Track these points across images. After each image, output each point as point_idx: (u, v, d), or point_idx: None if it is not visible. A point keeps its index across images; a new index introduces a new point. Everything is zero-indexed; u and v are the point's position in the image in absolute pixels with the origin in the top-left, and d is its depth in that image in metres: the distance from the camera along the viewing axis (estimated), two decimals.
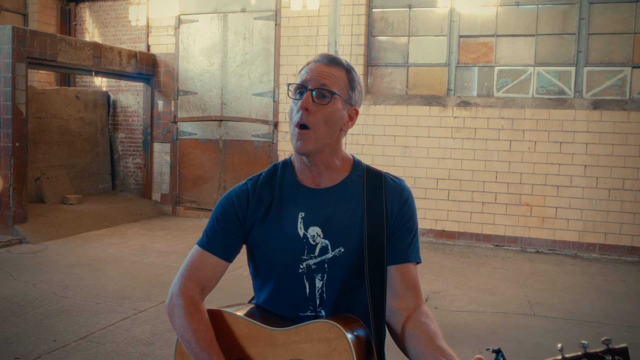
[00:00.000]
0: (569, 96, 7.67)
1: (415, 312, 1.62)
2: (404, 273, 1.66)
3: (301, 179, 1.71)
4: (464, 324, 4.87)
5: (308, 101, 1.60)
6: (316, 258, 1.65)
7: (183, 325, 1.61)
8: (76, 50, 8.34)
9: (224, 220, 1.71)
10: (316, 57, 1.70)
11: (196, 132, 9.64)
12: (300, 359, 1.51)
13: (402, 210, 1.69)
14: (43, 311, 4.86)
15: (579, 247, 7.56)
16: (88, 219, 8.47)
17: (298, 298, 1.68)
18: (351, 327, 1.53)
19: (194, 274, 1.69)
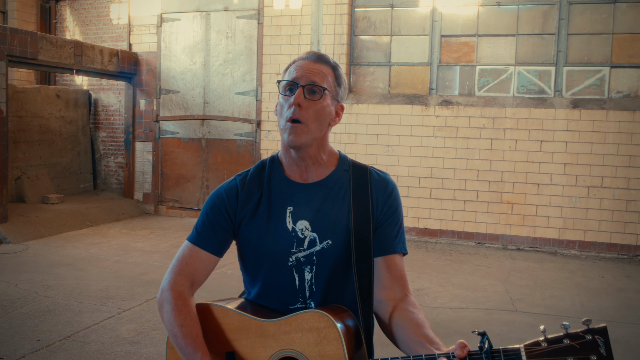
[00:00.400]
0: (549, 95, 7.78)
1: (402, 302, 1.66)
2: (390, 264, 1.70)
3: (289, 174, 1.75)
4: (448, 320, 4.93)
5: (300, 97, 1.64)
6: (305, 251, 1.69)
7: (171, 320, 1.64)
8: (57, 48, 8.27)
9: (214, 215, 1.74)
10: (303, 54, 1.74)
11: (178, 131, 9.61)
12: (291, 348, 1.54)
13: (387, 203, 1.74)
14: (26, 311, 4.83)
15: (559, 244, 7.67)
16: (69, 218, 8.41)
17: (288, 290, 1.71)
18: (340, 316, 1.57)
19: (185, 269, 1.71)
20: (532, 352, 1.28)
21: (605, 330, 1.27)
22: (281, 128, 1.68)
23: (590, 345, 1.26)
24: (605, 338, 1.26)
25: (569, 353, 1.26)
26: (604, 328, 1.27)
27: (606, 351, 1.26)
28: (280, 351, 1.56)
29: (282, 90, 1.69)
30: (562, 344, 1.27)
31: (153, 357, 4.01)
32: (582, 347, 1.26)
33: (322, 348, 1.51)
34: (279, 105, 1.70)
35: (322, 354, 1.51)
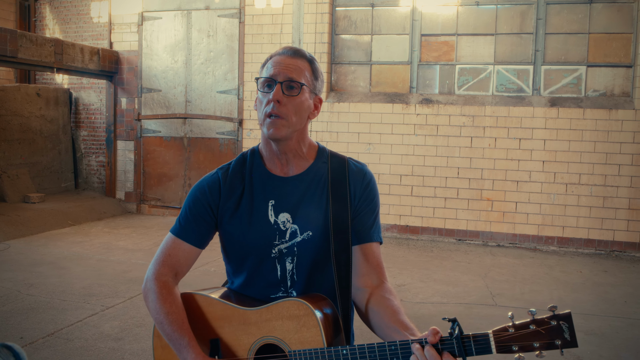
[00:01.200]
0: (527, 94, 7.90)
1: (378, 289, 1.72)
2: (367, 252, 1.76)
3: (270, 168, 1.80)
4: (428, 315, 5.00)
5: (279, 94, 1.68)
6: (286, 242, 1.74)
7: (157, 309, 1.68)
8: (37, 46, 8.23)
9: (196, 209, 1.79)
10: (280, 49, 1.78)
11: (160, 130, 9.60)
12: (272, 335, 1.60)
13: (364, 193, 1.79)
14: (8, 309, 4.82)
15: (538, 240, 7.79)
16: (51, 217, 8.37)
17: (270, 281, 1.76)
18: (319, 304, 1.62)
19: (168, 260, 1.76)
20: (501, 337, 1.35)
21: (569, 316, 1.33)
22: (260, 122, 1.72)
23: (555, 330, 1.32)
24: (569, 324, 1.33)
25: (535, 338, 1.33)
26: (568, 314, 1.34)
27: (570, 336, 1.32)
28: (261, 338, 1.61)
29: (261, 86, 1.73)
30: (528, 329, 1.34)
31: (137, 352, 4.03)
32: (547, 332, 1.33)
33: (302, 335, 1.56)
34: (258, 100, 1.75)
35: (301, 341, 1.56)
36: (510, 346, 1.34)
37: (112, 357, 3.96)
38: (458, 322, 1.40)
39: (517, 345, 1.34)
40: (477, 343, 1.37)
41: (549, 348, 1.34)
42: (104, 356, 3.97)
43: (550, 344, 1.33)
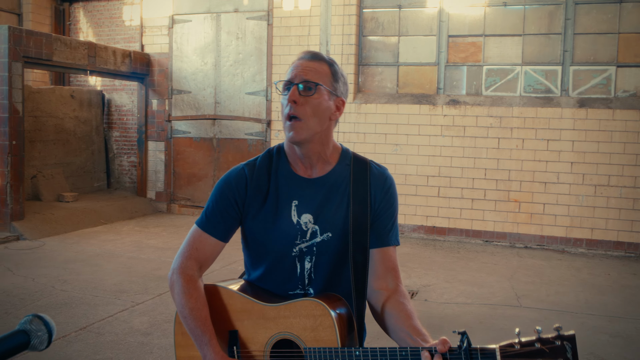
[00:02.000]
0: (556, 95, 7.85)
1: (394, 292, 1.78)
2: (384, 256, 1.82)
3: (295, 169, 1.85)
4: (452, 315, 5.03)
5: (295, 94, 1.74)
6: (307, 242, 1.80)
7: (182, 303, 1.76)
8: (71, 49, 8.45)
9: (222, 203, 1.84)
10: (300, 54, 1.84)
11: (190, 131, 9.76)
12: (289, 331, 1.67)
13: (384, 198, 1.85)
14: (43, 304, 4.98)
15: (567, 242, 7.74)
16: (84, 216, 8.58)
17: (289, 277, 1.83)
18: (335, 305, 1.69)
19: (194, 253, 1.83)
20: (506, 352, 1.39)
21: (573, 337, 1.37)
22: (284, 127, 1.78)
23: (558, 350, 1.36)
24: (572, 344, 1.36)
25: (539, 355, 1.37)
26: (572, 335, 1.37)
27: (573, 356, 1.36)
28: (279, 333, 1.69)
29: (282, 90, 1.79)
30: (533, 347, 1.37)
31: (165, 347, 4.14)
32: (551, 351, 1.36)
33: (318, 334, 1.63)
34: (281, 105, 1.81)
35: (317, 339, 1.63)
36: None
37: (141, 351, 4.08)
38: (467, 335, 1.45)
39: None
40: (484, 356, 1.42)
41: None
42: (134, 350, 4.09)
43: None
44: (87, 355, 3.98)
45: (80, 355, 3.98)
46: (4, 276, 5.80)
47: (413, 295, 5.63)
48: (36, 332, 1.15)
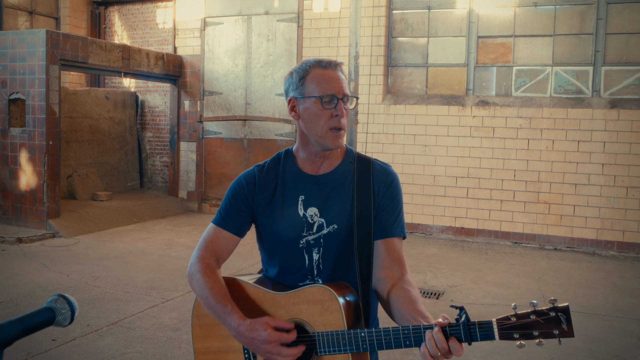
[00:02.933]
0: (587, 95, 7.77)
1: (399, 280, 1.84)
2: (389, 247, 1.89)
3: (302, 167, 1.96)
4: (477, 315, 5.04)
5: (342, 109, 1.86)
6: (314, 234, 1.90)
7: (201, 286, 1.85)
8: (106, 52, 8.66)
9: (235, 201, 1.97)
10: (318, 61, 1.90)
11: (221, 131, 9.91)
12: (299, 317, 1.75)
13: (387, 191, 1.93)
14: (76, 299, 5.10)
15: (597, 244, 7.65)
16: (117, 214, 8.79)
17: (299, 269, 1.93)
18: (342, 292, 1.76)
19: (210, 246, 1.95)
20: (503, 325, 1.45)
21: (567, 308, 1.42)
22: (319, 135, 1.86)
23: (553, 320, 1.41)
24: (567, 315, 1.41)
25: (535, 327, 1.42)
26: (566, 307, 1.42)
27: (567, 327, 1.41)
28: (289, 320, 1.76)
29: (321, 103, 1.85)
30: (529, 319, 1.43)
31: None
32: (546, 322, 1.41)
33: (325, 317, 1.71)
34: (312, 114, 1.87)
35: (325, 323, 1.71)
36: (512, 333, 1.44)
37: (170, 346, 4.19)
38: (465, 311, 1.50)
39: (517, 333, 1.43)
40: (482, 329, 1.47)
41: (547, 337, 1.42)
42: (162, 345, 4.21)
43: (548, 333, 1.42)
44: (117, 349, 4.11)
45: (112, 349, 4.11)
46: (40, 272, 5.99)
47: (439, 295, 5.65)
48: (61, 310, 1.28)
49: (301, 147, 1.97)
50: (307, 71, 1.89)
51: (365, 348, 1.63)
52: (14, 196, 8.00)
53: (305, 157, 1.96)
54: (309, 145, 1.93)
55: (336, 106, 1.85)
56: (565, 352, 4.29)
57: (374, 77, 8.62)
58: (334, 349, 1.68)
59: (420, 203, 8.44)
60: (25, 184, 7.91)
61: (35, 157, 7.78)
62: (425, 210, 8.44)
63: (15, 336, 1.20)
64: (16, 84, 7.85)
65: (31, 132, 7.79)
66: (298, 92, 1.90)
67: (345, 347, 1.66)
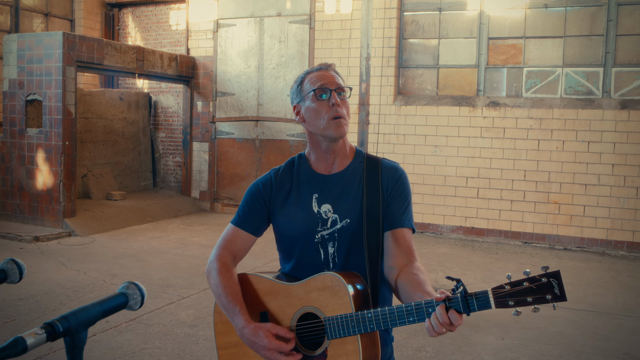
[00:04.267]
0: (597, 96, 7.82)
1: (408, 266, 1.94)
2: (398, 236, 2.00)
3: (315, 168, 2.10)
4: (489, 314, 5.10)
5: (337, 98, 1.99)
6: (328, 229, 2.03)
7: (216, 283, 2.00)
8: (121, 54, 8.79)
9: (252, 202, 2.12)
10: (311, 68, 2.09)
11: (233, 132, 10.02)
12: (311, 305, 1.87)
13: (395, 186, 2.05)
14: (95, 296, 5.25)
15: (607, 244, 7.70)
16: (131, 214, 8.91)
17: (315, 263, 2.05)
18: (351, 279, 1.87)
19: (228, 245, 2.09)
20: (498, 293, 1.52)
21: (558, 274, 1.50)
22: (322, 127, 2.00)
23: (546, 286, 1.49)
24: (558, 280, 1.49)
25: (529, 293, 1.50)
26: (557, 272, 1.50)
27: (559, 291, 1.49)
28: (302, 308, 1.88)
29: (315, 97, 2.01)
30: (522, 286, 1.50)
31: (210, 339, 4.35)
32: (539, 288, 1.49)
33: (334, 302, 1.82)
34: (312, 110, 2.02)
35: (334, 308, 1.82)
36: (507, 301, 1.51)
37: (188, 341, 4.30)
38: (462, 283, 1.59)
39: (512, 301, 1.51)
40: (478, 300, 1.55)
41: (541, 302, 1.50)
42: (180, 340, 4.31)
43: (542, 298, 1.49)
44: (137, 344, 4.21)
45: (131, 344, 4.22)
46: (58, 270, 6.11)
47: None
48: (132, 295, 1.46)
49: (312, 149, 2.11)
50: (303, 78, 2.08)
51: (372, 328, 1.73)
52: (31, 195, 8.14)
53: (317, 157, 2.10)
54: (318, 144, 2.07)
55: (330, 96, 1.98)
56: (576, 350, 4.35)
57: (385, 78, 8.70)
58: (343, 332, 1.78)
59: (430, 203, 8.51)
60: (41, 183, 8.05)
61: (52, 157, 7.92)
62: (436, 210, 8.51)
63: (96, 317, 1.37)
64: (33, 85, 7.99)
65: (48, 132, 7.93)
66: (298, 98, 2.07)
67: (354, 329, 1.76)
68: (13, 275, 1.65)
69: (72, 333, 1.31)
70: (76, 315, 1.33)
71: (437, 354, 4.26)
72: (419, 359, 4.16)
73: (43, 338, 1.24)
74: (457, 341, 4.49)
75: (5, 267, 1.64)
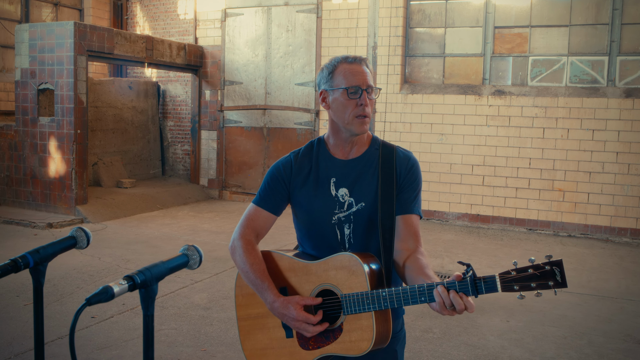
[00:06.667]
0: (602, 85, 7.90)
1: (414, 252, 2.09)
2: (407, 222, 2.14)
3: (333, 152, 2.22)
4: (494, 298, 5.24)
5: (366, 99, 2.11)
6: (345, 212, 2.16)
7: (243, 261, 2.12)
8: (130, 43, 8.89)
9: (273, 183, 2.24)
10: (345, 58, 2.17)
11: (241, 120, 10.14)
12: (328, 282, 2.01)
13: (408, 174, 2.18)
14: (110, 280, 5.40)
15: (611, 231, 7.81)
16: (141, 201, 9.06)
17: (332, 243, 2.18)
18: (367, 259, 2.01)
19: (250, 223, 2.22)
20: (505, 278, 1.67)
21: (560, 262, 1.64)
22: (346, 122, 2.12)
23: (549, 273, 1.63)
24: (560, 269, 1.64)
25: (532, 279, 1.65)
26: (559, 261, 1.64)
27: (561, 279, 1.64)
28: (320, 285, 2.02)
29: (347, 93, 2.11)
30: (527, 272, 1.65)
31: (224, 320, 4.49)
32: (542, 274, 1.64)
33: (351, 281, 1.96)
34: (340, 104, 2.13)
35: (351, 286, 1.96)
36: (512, 286, 1.67)
37: (202, 323, 4.44)
38: (472, 267, 1.73)
39: (517, 285, 1.66)
40: (486, 283, 1.71)
41: (544, 288, 1.64)
42: (195, 322, 4.46)
43: (544, 284, 1.64)
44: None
45: None
46: (73, 255, 6.25)
47: None
48: (192, 256, 1.69)
49: (331, 135, 2.22)
50: (335, 66, 2.15)
51: (386, 305, 1.87)
52: (44, 183, 8.28)
53: (335, 143, 2.21)
54: (339, 132, 2.17)
55: (360, 96, 2.09)
56: (579, 332, 4.48)
57: (391, 67, 8.79)
58: (358, 308, 1.92)
59: (436, 190, 8.63)
60: (54, 171, 8.19)
61: (64, 145, 8.05)
62: (442, 197, 8.63)
63: (165, 273, 1.59)
64: (45, 74, 8.11)
65: (60, 121, 8.06)
66: (328, 85, 2.15)
67: (369, 306, 1.90)
68: (81, 242, 1.90)
69: (147, 285, 1.54)
70: (150, 270, 1.55)
71: (444, 335, 4.39)
72: (427, 339, 4.30)
73: (125, 287, 1.50)
74: (464, 323, 4.62)
75: (75, 235, 1.90)
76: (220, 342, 4.12)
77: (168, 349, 3.97)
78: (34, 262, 1.74)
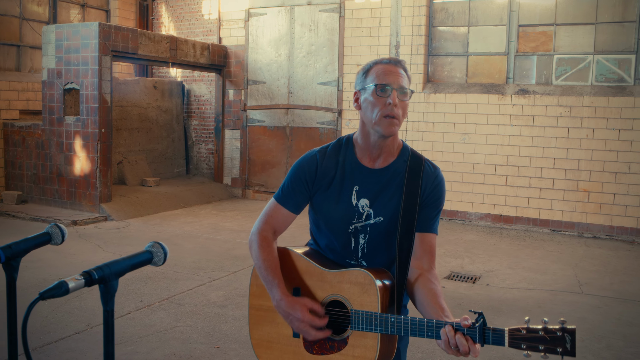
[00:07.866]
0: (629, 84, 7.75)
1: (427, 272, 2.06)
2: (424, 240, 2.11)
3: (360, 159, 2.17)
4: (512, 299, 5.18)
5: (395, 98, 2.04)
6: (362, 222, 2.13)
7: (257, 256, 2.13)
8: (155, 43, 8.99)
9: (295, 182, 2.20)
10: (381, 59, 2.13)
11: (264, 120, 10.18)
12: (341, 294, 2.00)
13: (433, 191, 2.13)
14: (130, 277, 5.46)
15: (637, 233, 7.66)
16: (165, 200, 9.15)
17: (346, 250, 2.17)
18: (381, 277, 2.00)
19: (270, 220, 2.21)
20: (514, 335, 1.63)
21: (574, 331, 1.57)
22: (374, 122, 2.06)
23: (559, 339, 1.57)
24: (572, 337, 1.57)
25: (542, 342, 1.59)
26: (573, 329, 1.58)
27: (571, 347, 1.57)
28: (332, 294, 2.02)
29: (376, 91, 2.06)
30: (537, 334, 1.60)
31: (239, 318, 4.52)
32: (552, 339, 1.58)
33: (363, 299, 1.95)
34: (369, 103, 2.08)
35: (362, 303, 1.95)
36: (520, 344, 1.62)
37: (218, 320, 4.47)
38: (484, 316, 1.70)
39: (525, 344, 1.61)
40: (495, 335, 1.66)
41: (551, 353, 1.59)
42: (210, 319, 4.49)
43: (552, 349, 1.58)
44: (169, 322, 4.41)
45: (164, 322, 4.41)
46: (95, 252, 6.36)
47: (475, 280, 5.79)
48: (156, 253, 1.70)
49: (360, 136, 2.16)
50: (370, 67, 2.11)
51: (393, 332, 1.86)
52: (69, 181, 8.43)
53: (363, 147, 2.15)
54: (368, 135, 2.12)
55: (390, 95, 2.02)
56: (597, 335, 4.41)
57: (414, 66, 8.74)
58: (366, 327, 1.91)
59: (459, 190, 8.56)
60: (79, 169, 8.32)
61: (89, 144, 8.18)
62: (464, 197, 8.56)
63: (125, 269, 1.60)
64: (70, 74, 8.25)
65: (85, 120, 8.19)
66: (361, 85, 2.12)
67: (377, 328, 1.89)
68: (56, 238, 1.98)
69: (106, 281, 1.54)
70: (109, 266, 1.56)
71: None
72: None
73: (82, 283, 1.50)
74: None
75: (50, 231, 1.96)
76: (234, 339, 4.15)
77: (182, 346, 4.01)
78: (5, 258, 1.77)
